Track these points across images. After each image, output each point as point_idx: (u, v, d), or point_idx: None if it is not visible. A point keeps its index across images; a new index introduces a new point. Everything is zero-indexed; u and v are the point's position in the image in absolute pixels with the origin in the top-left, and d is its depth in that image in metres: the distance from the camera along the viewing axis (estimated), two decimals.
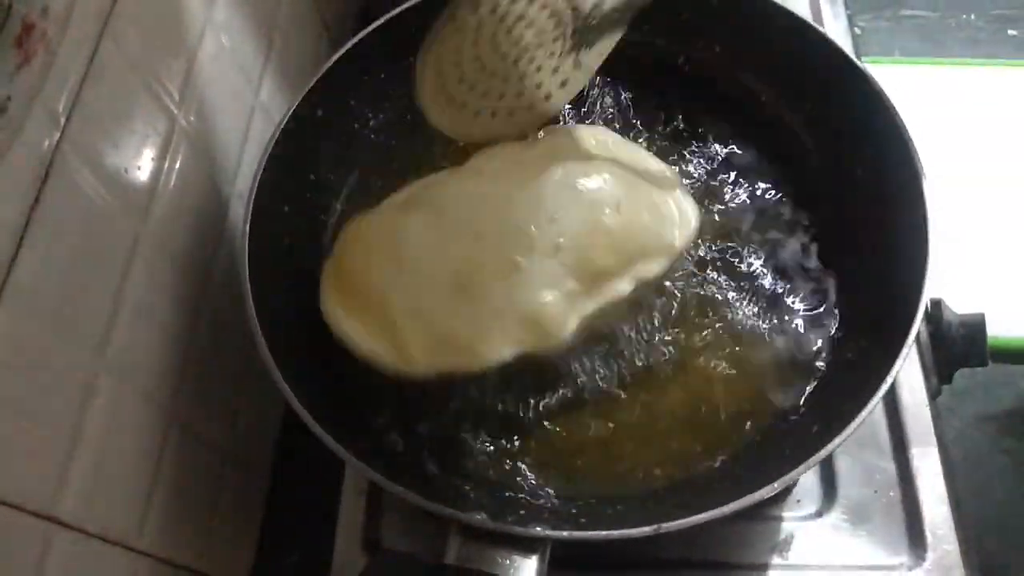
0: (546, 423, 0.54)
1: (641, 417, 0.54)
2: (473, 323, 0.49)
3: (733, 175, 0.63)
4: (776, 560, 0.56)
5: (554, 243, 0.50)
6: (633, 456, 0.53)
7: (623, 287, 0.52)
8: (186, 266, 0.56)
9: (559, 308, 0.49)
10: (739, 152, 0.63)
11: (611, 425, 0.53)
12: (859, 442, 0.59)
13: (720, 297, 0.58)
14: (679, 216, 0.54)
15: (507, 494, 0.51)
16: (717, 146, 0.64)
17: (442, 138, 0.63)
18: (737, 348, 0.56)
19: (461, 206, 0.52)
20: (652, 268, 0.53)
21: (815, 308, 0.57)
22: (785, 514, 0.57)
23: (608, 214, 0.51)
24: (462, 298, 0.49)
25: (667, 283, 0.58)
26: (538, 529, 0.44)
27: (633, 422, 0.54)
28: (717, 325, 0.57)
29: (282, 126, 0.56)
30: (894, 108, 0.55)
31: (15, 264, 0.39)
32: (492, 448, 0.53)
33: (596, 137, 0.57)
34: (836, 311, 0.57)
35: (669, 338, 0.56)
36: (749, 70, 0.62)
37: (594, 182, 0.52)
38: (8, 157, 0.39)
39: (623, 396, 0.54)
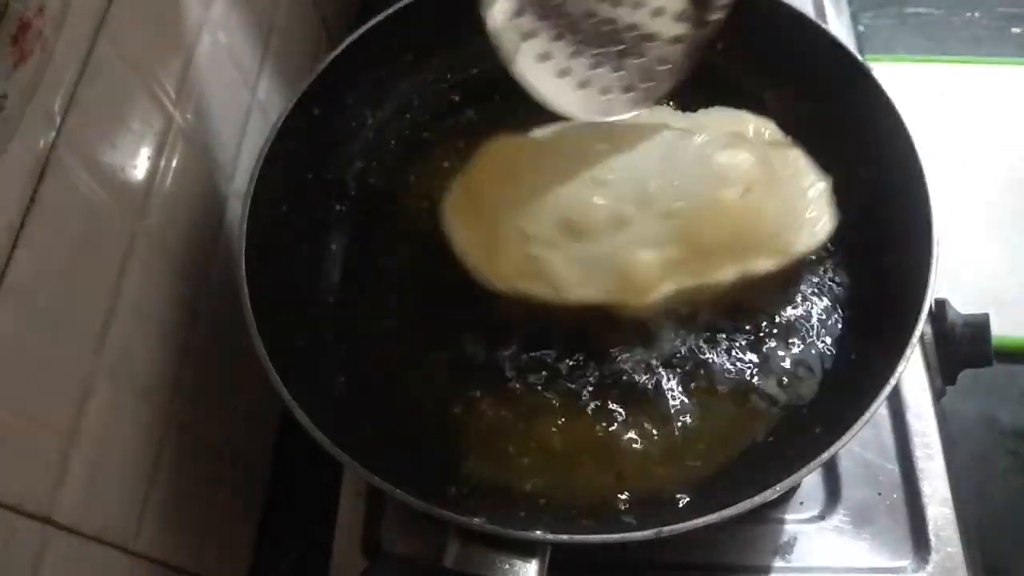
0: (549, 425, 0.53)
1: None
2: (568, 260, 0.50)
3: None
4: (778, 563, 0.55)
5: (669, 206, 0.50)
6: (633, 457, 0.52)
7: (726, 274, 0.51)
8: (183, 265, 0.55)
9: (654, 270, 0.50)
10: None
11: (612, 429, 0.53)
12: (862, 444, 0.59)
13: None
14: (808, 221, 0.53)
15: (507, 497, 0.50)
16: None
17: (442, 137, 0.63)
18: None
19: (590, 152, 0.53)
20: (760, 264, 0.52)
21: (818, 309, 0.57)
22: (788, 516, 0.57)
23: (734, 194, 0.50)
24: (567, 235, 0.51)
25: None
26: (538, 533, 0.43)
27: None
28: None
29: (279, 124, 0.56)
30: (897, 106, 0.54)
31: (11, 264, 0.39)
32: (492, 451, 0.52)
33: (756, 125, 0.57)
34: (839, 311, 0.56)
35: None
36: (751, 67, 0.62)
37: (730, 159, 0.51)
38: (4, 156, 0.38)
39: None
